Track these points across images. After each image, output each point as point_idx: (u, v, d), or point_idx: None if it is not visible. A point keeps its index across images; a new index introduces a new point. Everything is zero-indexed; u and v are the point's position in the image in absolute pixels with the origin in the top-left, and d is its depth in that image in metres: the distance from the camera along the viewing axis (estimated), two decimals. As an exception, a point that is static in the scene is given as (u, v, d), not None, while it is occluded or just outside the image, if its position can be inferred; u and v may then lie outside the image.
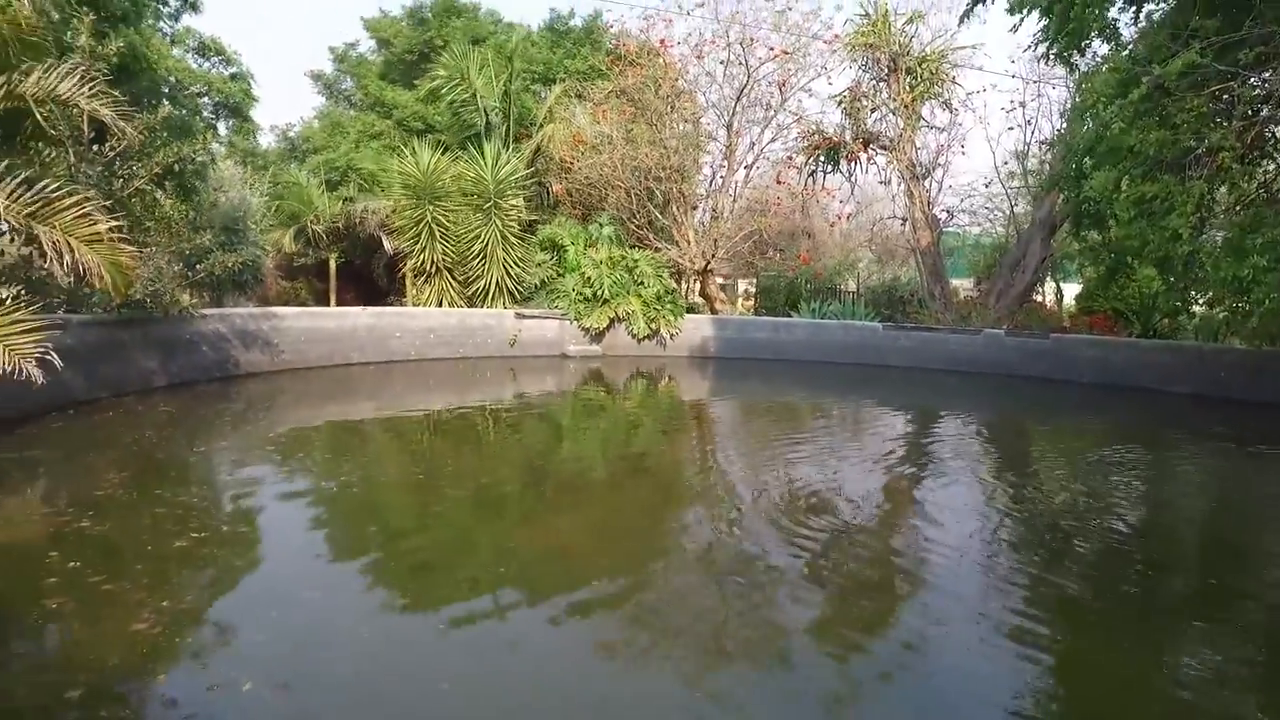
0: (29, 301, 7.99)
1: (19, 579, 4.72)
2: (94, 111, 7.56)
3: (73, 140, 9.18)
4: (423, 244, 17.07)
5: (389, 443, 9.44)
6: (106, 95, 7.79)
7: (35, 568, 4.79)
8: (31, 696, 3.57)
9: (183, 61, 20.04)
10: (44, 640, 4.09)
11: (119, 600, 4.47)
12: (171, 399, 10.46)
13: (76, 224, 7.17)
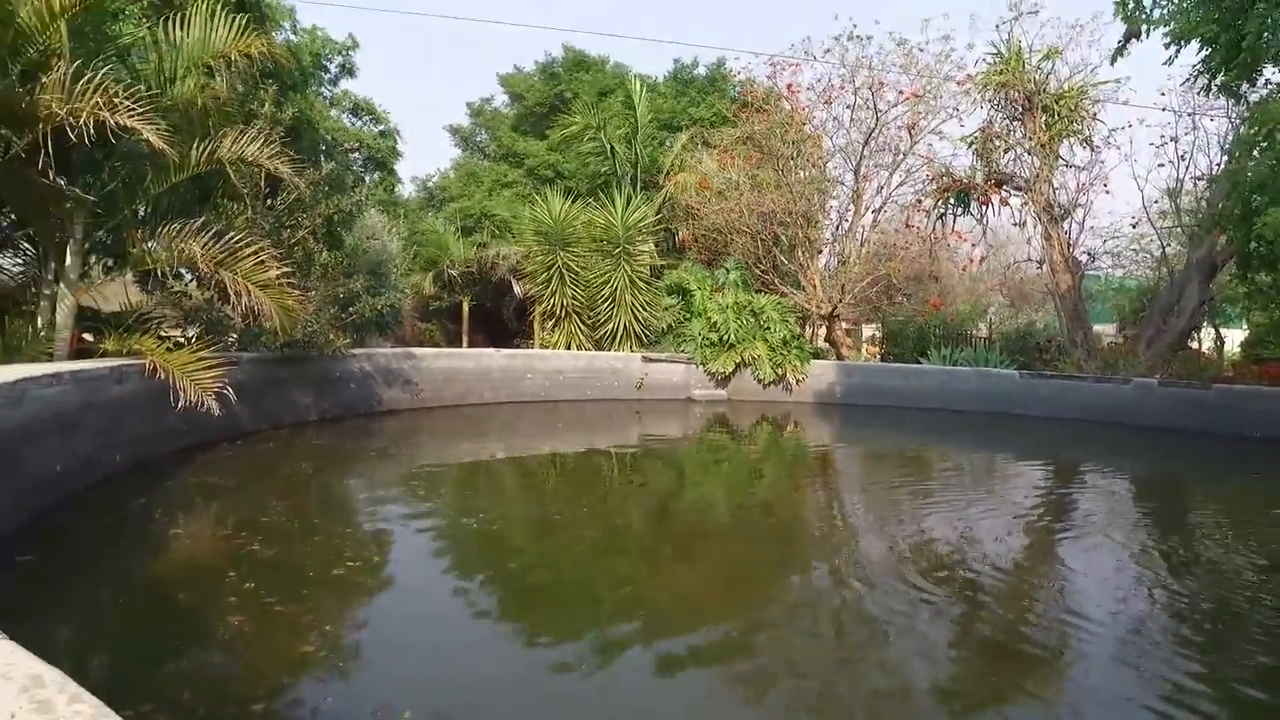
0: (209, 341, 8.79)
1: (207, 595, 5.13)
2: (276, 170, 8.33)
3: (250, 195, 10.11)
4: (553, 288, 17.66)
5: (523, 482, 9.73)
6: (285, 156, 8.57)
7: (219, 586, 5.20)
8: (220, 706, 3.86)
9: (339, 121, 21.77)
10: (230, 655, 4.42)
11: (289, 622, 4.79)
12: (322, 432, 11.19)
13: (254, 271, 7.87)
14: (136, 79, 7.74)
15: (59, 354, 7.52)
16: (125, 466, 7.62)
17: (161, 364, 7.68)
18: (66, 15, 6.81)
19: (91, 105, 6.46)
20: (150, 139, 6.63)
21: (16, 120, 6.64)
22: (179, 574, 5.63)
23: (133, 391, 7.66)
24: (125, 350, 7.92)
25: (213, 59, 8.27)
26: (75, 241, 7.59)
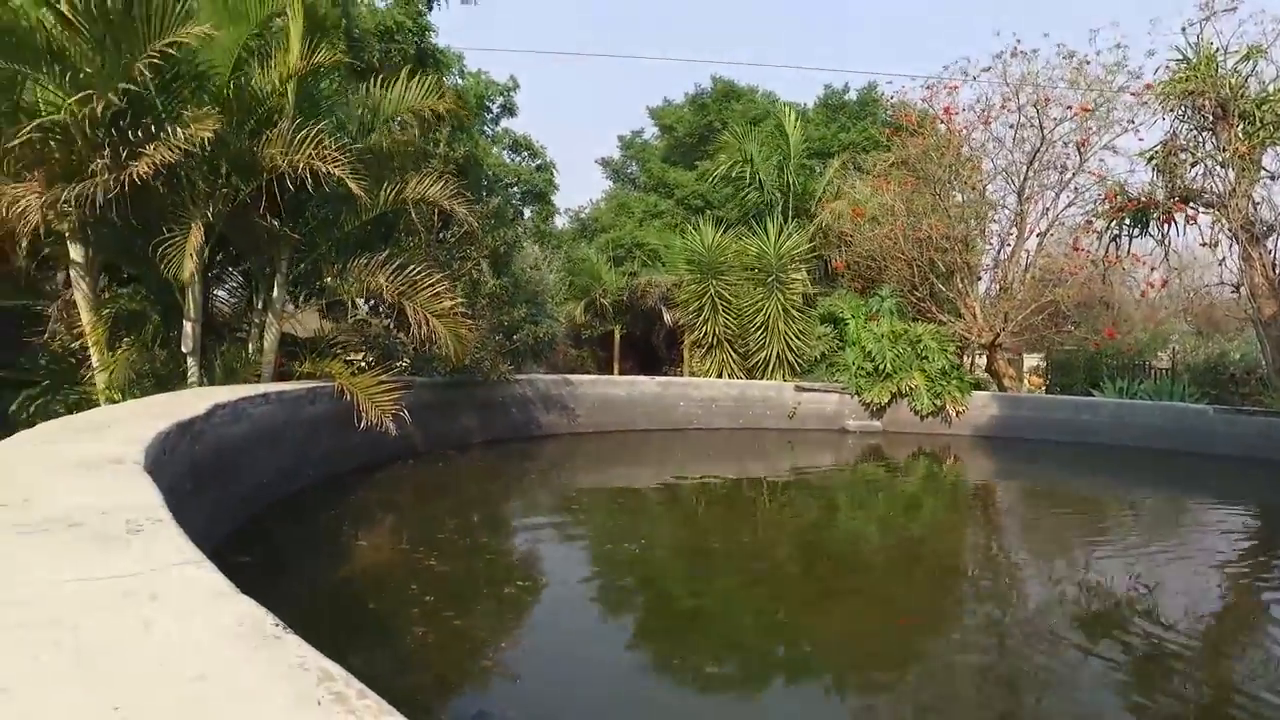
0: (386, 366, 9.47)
1: (394, 608, 5.51)
2: (452, 209, 8.95)
3: (424, 229, 10.87)
4: (705, 316, 17.81)
5: (676, 509, 9.84)
6: (460, 194, 9.20)
7: (403, 599, 5.57)
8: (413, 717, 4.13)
9: (499, 158, 23.02)
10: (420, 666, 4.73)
11: (467, 637, 5.06)
12: (486, 455, 11.77)
13: (431, 301, 8.45)
14: (339, 130, 8.54)
15: (265, 376, 8.35)
16: (316, 480, 8.32)
17: (348, 387, 8.36)
18: (291, 81, 7.66)
19: (306, 156, 7.22)
20: (351, 186, 7.31)
21: (246, 170, 7.51)
22: (368, 585, 6.08)
23: (324, 412, 8.37)
24: (317, 374, 8.68)
25: (405, 113, 9.02)
26: (281, 275, 8.44)
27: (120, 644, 1.48)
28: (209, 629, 1.59)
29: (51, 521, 2.24)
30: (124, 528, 2.23)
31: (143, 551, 2.04)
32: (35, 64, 6.66)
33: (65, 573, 1.83)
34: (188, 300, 7.70)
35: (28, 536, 2.09)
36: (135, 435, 3.93)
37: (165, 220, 7.43)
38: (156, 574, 1.85)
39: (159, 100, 7.47)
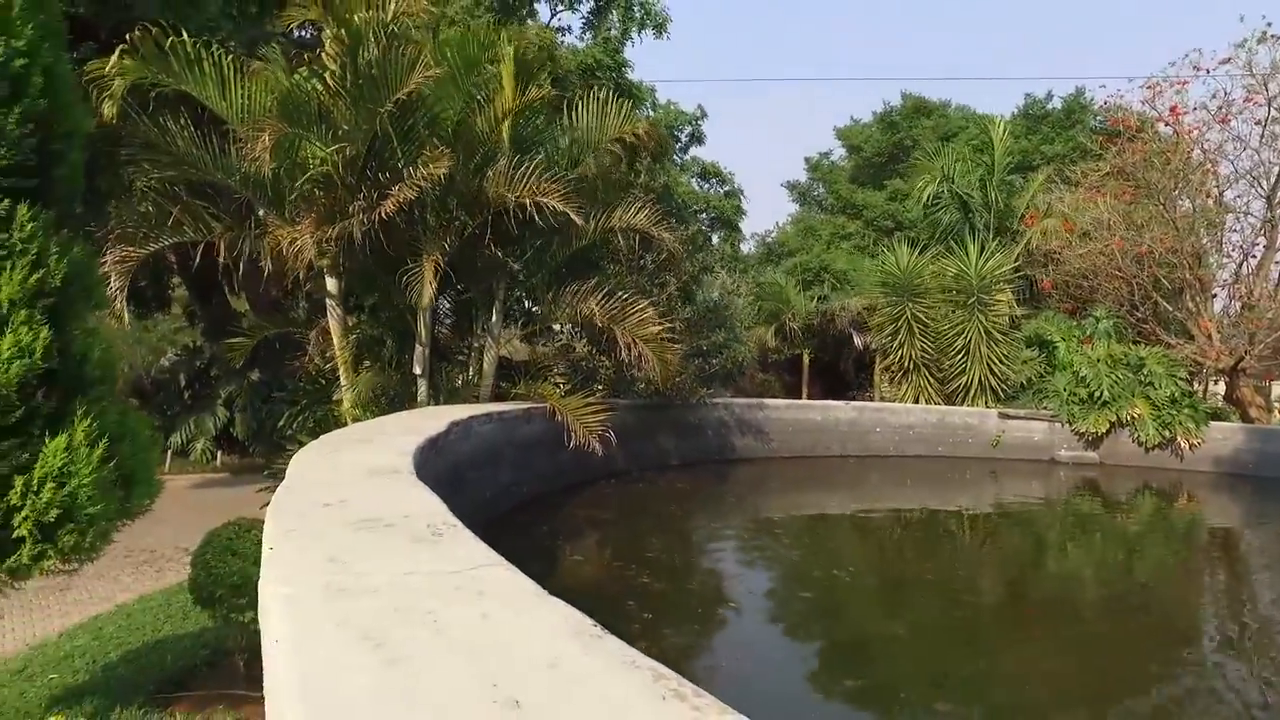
0: (593, 390, 9.84)
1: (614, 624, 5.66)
2: (658, 236, 9.24)
3: (626, 257, 11.27)
4: (900, 340, 17.18)
5: (874, 538, 9.51)
6: (664, 221, 9.49)
7: (622, 615, 5.73)
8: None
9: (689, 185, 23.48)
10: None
11: (691, 656, 5.13)
12: (683, 476, 11.95)
13: (639, 326, 8.73)
14: (550, 165, 9.08)
15: (483, 396, 8.95)
16: (530, 497, 8.79)
17: (559, 408, 8.78)
18: (507, 120, 8.27)
19: (527, 189, 7.75)
20: (571, 215, 7.75)
21: (472, 205, 8.17)
22: (588, 600, 6.25)
23: (537, 431, 8.85)
24: (530, 395, 9.18)
25: (610, 143, 9.46)
26: (499, 303, 9.06)
27: (472, 630, 1.64)
28: (539, 624, 1.73)
29: (370, 521, 2.51)
30: (427, 530, 2.46)
31: (451, 552, 2.24)
32: (309, 126, 7.59)
33: (399, 565, 2.05)
34: (419, 326, 8.42)
35: (360, 533, 2.35)
36: (398, 448, 4.33)
37: (403, 254, 8.19)
38: (474, 572, 2.02)
39: (399, 147, 8.27)
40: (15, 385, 4.03)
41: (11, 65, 4.21)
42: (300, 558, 2.06)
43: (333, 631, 1.58)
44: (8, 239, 4.11)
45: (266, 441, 15.38)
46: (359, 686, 1.36)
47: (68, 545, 4.21)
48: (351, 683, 1.38)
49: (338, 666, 1.44)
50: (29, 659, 6.52)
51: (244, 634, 6.04)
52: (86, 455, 4.22)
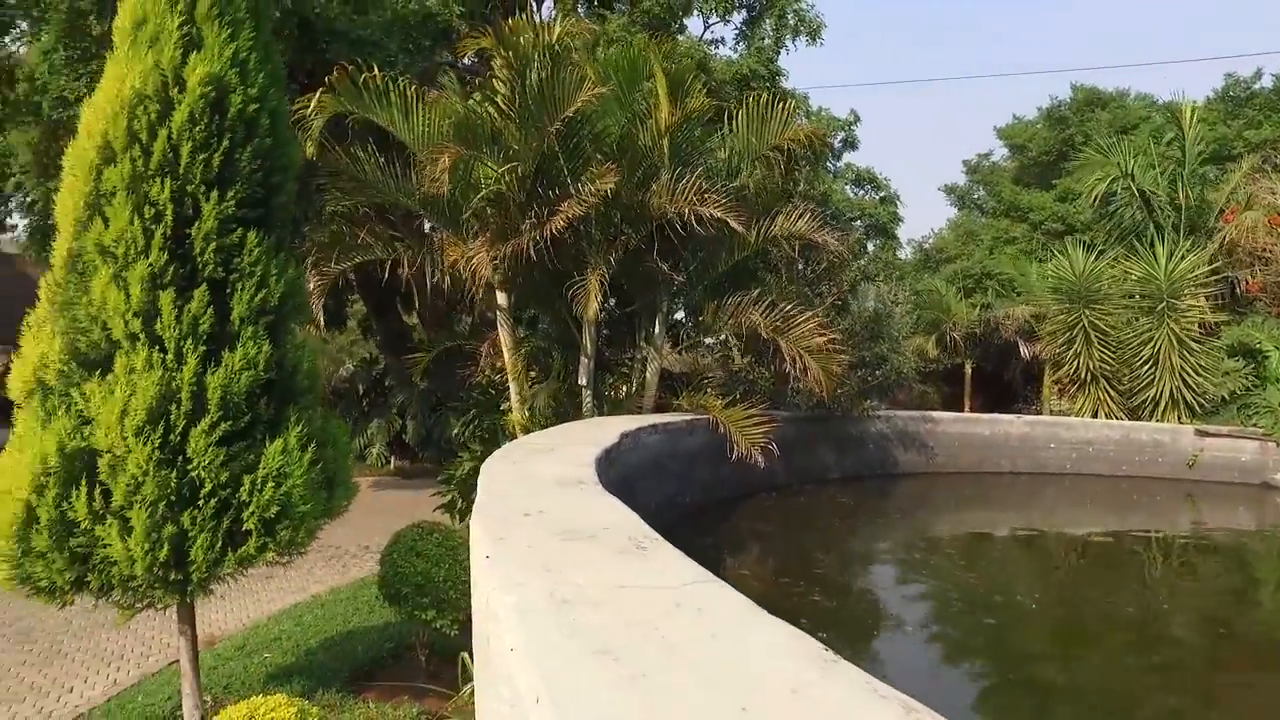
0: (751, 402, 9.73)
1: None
2: (824, 243, 9.06)
3: (786, 266, 11.11)
4: (1076, 350, 15.98)
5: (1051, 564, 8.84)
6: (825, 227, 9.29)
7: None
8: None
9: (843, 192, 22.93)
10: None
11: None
12: (844, 490, 11.60)
13: (804, 337, 8.57)
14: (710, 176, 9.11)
15: (646, 408, 9.06)
16: (692, 508, 8.79)
17: (721, 420, 8.74)
18: (668, 133, 8.37)
19: (688, 201, 7.81)
20: (734, 225, 7.73)
21: (635, 219, 8.33)
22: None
23: (700, 443, 8.85)
24: (692, 407, 9.20)
25: (769, 150, 9.37)
26: (662, 314, 9.15)
27: (703, 648, 1.62)
28: (768, 645, 1.69)
29: (572, 532, 2.56)
30: (630, 543, 2.48)
31: (660, 566, 2.24)
32: (482, 147, 7.99)
33: (611, 578, 2.07)
34: (584, 338, 8.63)
35: (566, 543, 2.40)
36: (578, 458, 4.42)
37: (570, 268, 8.44)
38: (689, 588, 2.01)
39: (565, 164, 8.53)
40: (244, 394, 4.45)
41: (246, 110, 4.66)
42: (517, 566, 2.11)
43: (566, 643, 1.60)
44: (240, 263, 4.55)
45: (434, 448, 16.28)
46: (606, 702, 1.37)
47: (284, 540, 4.58)
48: (598, 698, 1.39)
49: (581, 680, 1.45)
50: (247, 638, 7.17)
51: (425, 631, 6.38)
52: (299, 458, 4.59)
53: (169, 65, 4.55)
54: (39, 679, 6.43)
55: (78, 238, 4.47)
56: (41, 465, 4.13)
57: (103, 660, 6.82)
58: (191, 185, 4.49)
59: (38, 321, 4.47)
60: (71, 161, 4.56)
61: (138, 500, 4.20)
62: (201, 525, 4.34)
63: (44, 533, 4.12)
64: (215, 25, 4.72)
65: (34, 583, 4.29)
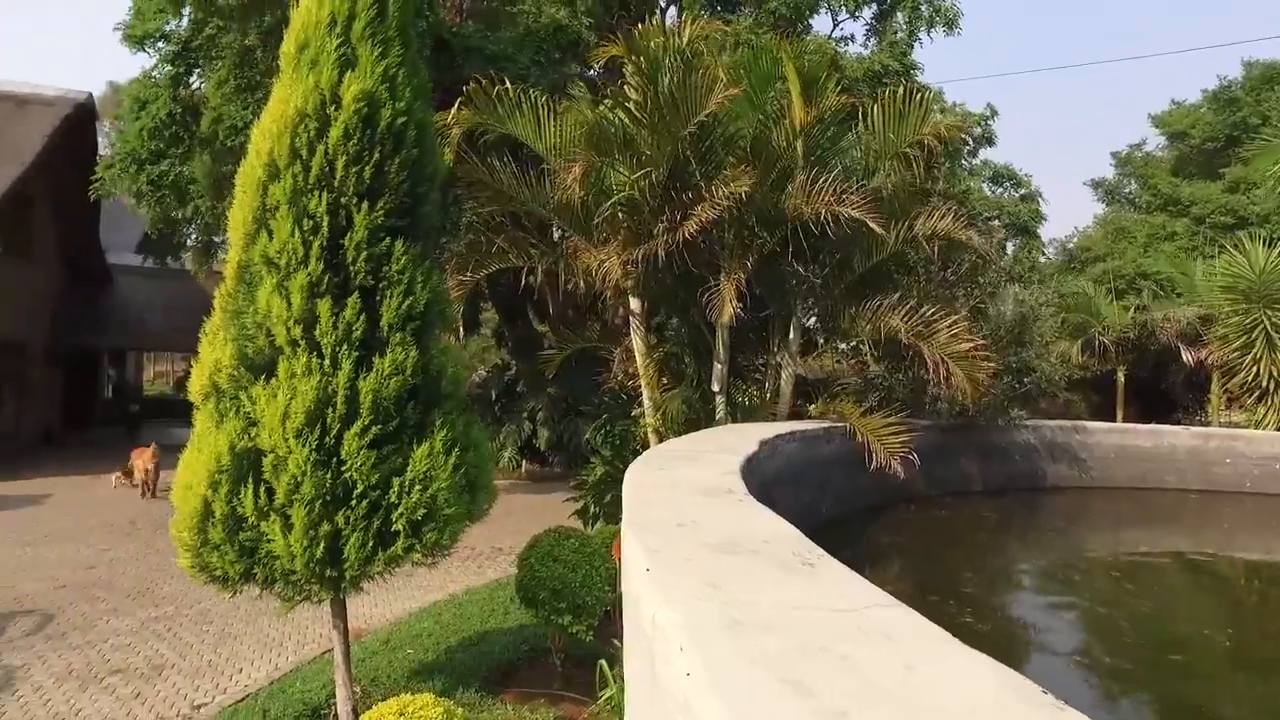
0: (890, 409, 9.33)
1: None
2: (969, 241, 8.58)
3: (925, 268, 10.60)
4: (1256, 354, 14.53)
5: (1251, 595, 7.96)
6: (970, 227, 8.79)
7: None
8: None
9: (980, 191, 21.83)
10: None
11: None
12: (988, 504, 10.94)
13: (948, 342, 8.13)
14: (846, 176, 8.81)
15: (780, 415, 8.83)
16: (829, 518, 8.48)
17: (859, 427, 8.40)
18: (802, 134, 8.15)
19: (825, 202, 7.56)
20: (871, 225, 7.43)
21: (770, 221, 8.15)
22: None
23: (837, 451, 8.54)
24: (828, 414, 8.90)
25: (907, 147, 8.96)
26: (796, 319, 8.91)
27: (901, 684, 1.46)
28: (974, 683, 1.51)
29: (730, 544, 2.43)
30: (794, 558, 2.33)
31: (833, 586, 2.09)
32: (612, 153, 8.02)
33: (782, 597, 1.93)
34: (717, 344, 8.50)
35: (726, 557, 2.28)
36: (722, 466, 4.29)
37: (702, 273, 8.34)
38: (869, 612, 1.85)
39: (697, 168, 8.45)
40: (393, 398, 4.57)
41: (394, 123, 4.82)
42: (679, 581, 2.01)
43: (750, 671, 1.48)
44: (388, 271, 4.69)
45: (564, 452, 16.55)
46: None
47: (430, 541, 4.68)
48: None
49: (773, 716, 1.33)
50: (390, 633, 7.43)
51: (561, 635, 6.41)
52: (444, 462, 4.67)
53: (327, 85, 4.76)
54: (215, 657, 6.90)
55: (246, 250, 4.73)
56: (216, 463, 4.38)
57: (265, 645, 7.24)
58: (345, 197, 4.67)
59: (212, 329, 4.75)
60: (241, 180, 4.83)
61: (297, 499, 4.38)
62: (354, 525, 4.49)
63: (218, 526, 4.37)
64: (368, 45, 4.90)
65: (210, 571, 4.56)
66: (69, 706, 5.90)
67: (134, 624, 7.61)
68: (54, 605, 8.04)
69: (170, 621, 7.70)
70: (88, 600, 8.23)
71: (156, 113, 13.35)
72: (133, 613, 7.90)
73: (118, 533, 11.10)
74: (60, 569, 9.31)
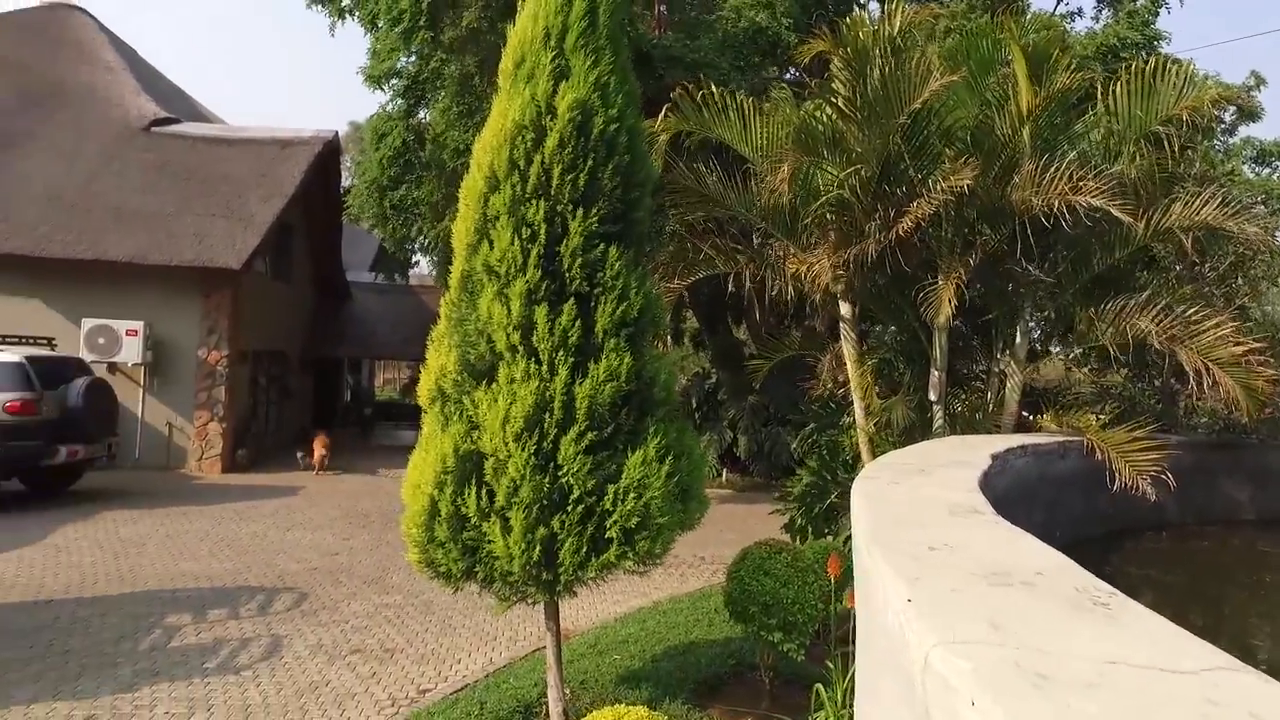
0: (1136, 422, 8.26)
1: None
2: (1240, 232, 7.43)
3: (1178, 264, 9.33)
4: None
5: None
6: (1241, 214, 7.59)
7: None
8: None
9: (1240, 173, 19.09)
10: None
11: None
12: (1265, 536, 9.38)
13: (1212, 346, 7.06)
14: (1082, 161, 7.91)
15: (1005, 427, 8.07)
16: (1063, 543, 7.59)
17: (1098, 443, 7.49)
18: (1030, 119, 7.41)
19: (1058, 191, 6.81)
20: (1117, 214, 6.60)
21: (993, 216, 7.49)
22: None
23: (1072, 469, 7.67)
24: (1061, 426, 8.01)
25: (1158, 125, 7.92)
26: (1023, 322, 8.12)
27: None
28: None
29: (998, 575, 2.12)
30: (1080, 595, 1.98)
31: (1145, 635, 1.73)
32: (819, 152, 7.72)
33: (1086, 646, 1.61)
34: (934, 349, 7.92)
35: (999, 590, 1.97)
36: (958, 482, 3.90)
37: (916, 273, 7.81)
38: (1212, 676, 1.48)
39: (911, 163, 7.93)
40: (607, 404, 4.57)
41: (607, 130, 4.84)
42: (953, 618, 1.74)
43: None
44: (602, 277, 4.70)
45: (765, 461, 16.25)
46: None
47: (643, 550, 4.62)
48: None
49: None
50: (597, 637, 7.53)
51: (771, 653, 6.17)
52: (657, 470, 4.60)
53: (542, 96, 4.86)
54: (437, 646, 7.33)
55: (469, 260, 4.93)
56: (442, 465, 4.57)
57: (481, 639, 7.59)
58: (561, 204, 4.73)
59: (438, 336, 4.98)
60: (464, 193, 5.04)
61: (516, 502, 4.47)
62: (569, 530, 4.52)
63: (444, 525, 4.55)
64: (580, 55, 4.95)
65: (435, 567, 4.77)
66: (320, 677, 6.46)
67: (369, 608, 8.25)
68: (307, 585, 8.91)
69: (399, 609, 8.27)
70: (333, 583, 9.04)
71: (393, 143, 14.62)
72: (369, 598, 8.58)
73: (355, 524, 12.16)
74: (311, 553, 10.33)
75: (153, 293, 15.95)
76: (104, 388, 13.28)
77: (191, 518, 12.00)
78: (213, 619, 7.73)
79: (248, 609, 8.08)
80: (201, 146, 18.30)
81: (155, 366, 16.07)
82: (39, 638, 7.06)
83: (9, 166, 16.57)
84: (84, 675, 6.33)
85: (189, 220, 16.26)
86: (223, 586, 8.71)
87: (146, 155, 17.66)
